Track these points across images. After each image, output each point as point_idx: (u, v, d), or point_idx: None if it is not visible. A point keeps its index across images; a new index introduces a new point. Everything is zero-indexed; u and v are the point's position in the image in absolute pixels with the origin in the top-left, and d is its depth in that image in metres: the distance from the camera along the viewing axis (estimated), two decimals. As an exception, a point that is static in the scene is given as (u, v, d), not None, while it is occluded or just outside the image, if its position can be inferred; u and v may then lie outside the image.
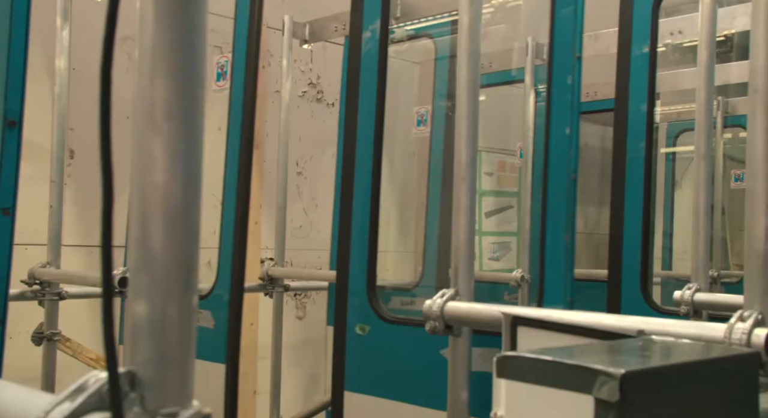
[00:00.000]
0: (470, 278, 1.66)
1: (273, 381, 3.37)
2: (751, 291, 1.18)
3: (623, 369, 0.76)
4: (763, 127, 1.15)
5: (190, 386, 0.63)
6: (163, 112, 0.63)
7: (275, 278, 3.33)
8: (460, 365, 1.66)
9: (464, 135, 1.63)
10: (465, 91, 1.61)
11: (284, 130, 3.36)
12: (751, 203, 1.19)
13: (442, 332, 1.63)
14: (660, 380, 0.82)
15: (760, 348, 1.11)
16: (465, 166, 1.63)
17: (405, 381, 2.09)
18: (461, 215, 1.65)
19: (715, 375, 0.92)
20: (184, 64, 0.63)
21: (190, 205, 0.64)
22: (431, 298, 1.64)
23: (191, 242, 0.64)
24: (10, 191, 1.80)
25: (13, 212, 1.81)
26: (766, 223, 1.17)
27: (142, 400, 0.60)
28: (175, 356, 0.62)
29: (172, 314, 0.62)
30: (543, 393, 0.83)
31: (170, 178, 0.63)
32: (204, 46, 0.66)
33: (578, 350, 0.94)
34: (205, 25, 0.66)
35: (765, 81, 1.14)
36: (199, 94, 0.65)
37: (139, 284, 0.63)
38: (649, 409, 0.80)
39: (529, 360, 0.85)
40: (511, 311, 1.34)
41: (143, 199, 0.64)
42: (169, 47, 0.63)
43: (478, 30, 1.62)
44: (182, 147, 0.63)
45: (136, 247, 0.64)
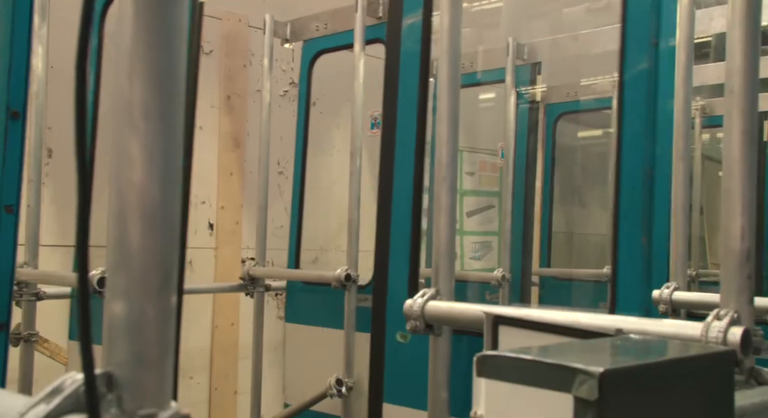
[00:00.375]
0: (451, 277, 1.67)
1: (254, 381, 3.36)
2: (727, 290, 1.20)
3: (602, 368, 0.77)
4: (739, 128, 1.17)
5: (168, 387, 0.63)
6: (141, 111, 0.62)
7: (256, 278, 3.31)
8: (441, 364, 1.66)
9: (445, 135, 1.63)
10: (446, 91, 1.62)
11: (265, 129, 3.35)
12: (728, 203, 1.20)
13: (423, 331, 1.64)
14: (638, 378, 0.83)
15: (735, 346, 1.12)
16: (445, 166, 1.64)
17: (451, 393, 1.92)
18: (442, 215, 1.65)
19: (692, 373, 0.93)
20: (163, 63, 0.63)
21: (168, 205, 0.63)
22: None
23: (170, 242, 0.64)
24: (14, 187, 1.69)
25: (17, 210, 1.73)
26: (743, 223, 1.18)
27: (119, 401, 0.60)
28: (153, 357, 0.62)
29: (150, 314, 0.62)
30: (523, 392, 0.84)
31: (148, 177, 0.63)
32: (183, 45, 0.65)
33: (558, 349, 0.94)
34: (185, 25, 0.65)
35: (741, 82, 1.15)
36: (178, 94, 0.64)
37: (117, 284, 0.62)
38: (628, 407, 0.81)
39: (509, 359, 0.85)
40: (492, 311, 1.35)
41: (121, 198, 0.63)
42: (148, 46, 0.62)
43: (459, 29, 1.62)
44: (160, 146, 0.63)
45: (113, 246, 0.63)
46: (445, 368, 1.67)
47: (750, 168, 1.19)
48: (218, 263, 3.82)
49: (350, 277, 2.84)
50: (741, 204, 1.19)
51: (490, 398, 0.87)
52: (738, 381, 1.11)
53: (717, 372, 0.97)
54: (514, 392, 0.84)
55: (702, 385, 0.94)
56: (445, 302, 1.62)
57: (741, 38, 1.15)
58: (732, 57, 1.16)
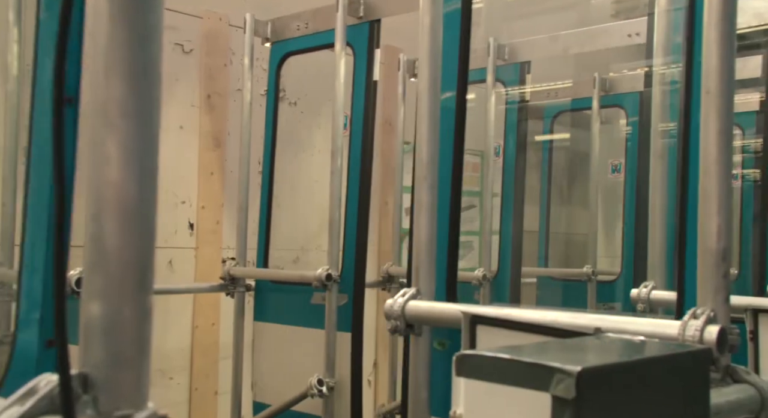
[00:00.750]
0: (431, 277, 1.67)
1: (234, 382, 3.34)
2: (704, 289, 1.21)
3: (579, 367, 0.77)
4: (715, 128, 1.18)
5: (145, 388, 0.62)
6: (118, 110, 0.62)
7: (237, 278, 3.30)
8: (421, 364, 1.67)
9: (425, 135, 1.63)
10: (426, 91, 1.62)
11: (246, 128, 3.33)
12: (705, 203, 1.21)
13: (403, 331, 1.64)
14: (615, 377, 0.84)
15: (712, 345, 1.13)
16: (426, 165, 1.64)
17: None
18: (423, 214, 1.66)
19: (669, 371, 0.94)
20: (140, 61, 0.63)
21: (145, 204, 0.63)
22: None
23: (147, 241, 0.63)
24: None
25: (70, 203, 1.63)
26: (719, 222, 1.20)
27: (95, 402, 0.59)
28: (129, 357, 0.61)
29: (126, 314, 0.61)
30: (502, 391, 0.84)
31: (125, 176, 0.62)
32: (160, 43, 0.65)
33: (536, 348, 0.95)
34: (162, 22, 0.65)
35: (717, 83, 1.17)
36: (155, 92, 0.64)
37: (93, 284, 0.62)
38: (606, 405, 0.81)
39: (487, 359, 0.85)
40: (470, 310, 1.35)
41: (97, 197, 0.63)
42: (125, 44, 0.62)
43: (440, 30, 1.63)
44: (137, 145, 0.63)
45: (90, 246, 0.63)
46: (425, 367, 1.68)
47: (726, 168, 1.21)
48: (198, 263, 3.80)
49: (331, 276, 2.84)
50: (717, 204, 1.20)
51: (469, 397, 0.87)
52: (714, 379, 1.12)
53: (693, 370, 0.98)
54: (493, 391, 0.85)
55: (679, 383, 0.95)
56: (425, 302, 1.63)
57: (717, 39, 1.16)
58: (708, 58, 1.17)
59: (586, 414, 0.78)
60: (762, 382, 1.13)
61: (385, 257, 4.32)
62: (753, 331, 1.51)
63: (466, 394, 0.87)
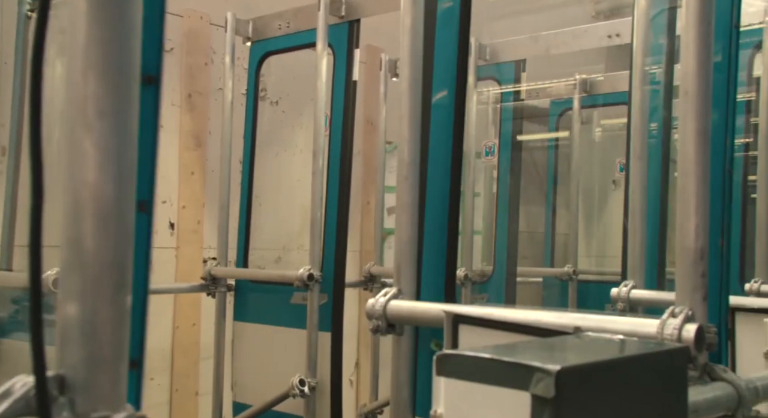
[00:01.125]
0: (413, 276, 1.67)
1: (215, 382, 3.33)
2: (682, 288, 1.22)
3: (559, 366, 0.78)
4: (693, 129, 1.19)
5: (122, 389, 0.62)
6: (95, 109, 0.61)
7: (218, 278, 3.28)
8: (403, 363, 1.67)
9: (407, 135, 1.63)
10: (408, 92, 1.62)
11: (227, 128, 3.32)
12: (683, 202, 1.22)
13: (385, 331, 1.64)
14: (594, 375, 0.84)
15: (690, 343, 1.14)
16: (408, 165, 1.64)
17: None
18: (404, 214, 1.66)
19: (648, 370, 0.95)
20: (117, 60, 0.62)
21: (123, 204, 0.63)
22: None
23: (124, 241, 0.63)
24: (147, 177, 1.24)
25: (150, 208, 1.31)
26: (697, 222, 1.21)
27: (72, 404, 0.59)
28: (107, 359, 0.61)
29: (104, 315, 0.61)
30: (482, 391, 0.84)
31: (102, 175, 0.62)
32: (138, 42, 0.64)
33: (516, 348, 0.95)
34: (140, 20, 0.64)
35: (695, 84, 1.18)
36: (133, 91, 0.63)
37: (70, 285, 0.61)
38: (585, 404, 0.82)
39: (468, 358, 0.85)
40: (452, 310, 1.35)
41: (74, 197, 0.62)
42: (102, 42, 0.61)
43: (421, 31, 1.63)
44: (115, 144, 0.62)
45: (67, 246, 0.62)
46: (408, 367, 1.68)
47: (704, 168, 1.22)
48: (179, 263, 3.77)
49: (313, 276, 2.84)
50: (695, 203, 1.22)
51: (449, 396, 0.88)
52: (692, 377, 1.13)
53: (671, 369, 0.99)
54: (473, 390, 0.85)
55: (657, 381, 0.96)
56: (407, 302, 1.63)
57: (694, 41, 1.17)
58: (686, 60, 1.18)
59: (566, 413, 0.78)
60: (739, 380, 1.15)
61: (368, 256, 4.32)
62: (730, 330, 1.53)
63: (447, 393, 0.88)
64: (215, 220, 3.47)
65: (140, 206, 1.07)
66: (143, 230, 1.16)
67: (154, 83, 1.22)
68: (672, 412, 0.96)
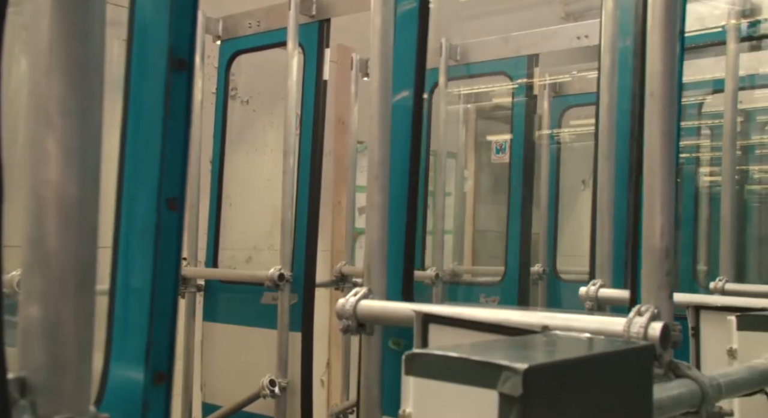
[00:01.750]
0: (383, 276, 1.67)
1: (185, 383, 3.30)
2: (648, 286, 1.23)
3: (526, 364, 0.78)
4: (658, 129, 1.21)
5: (86, 391, 0.61)
6: (57, 107, 0.60)
7: (187, 278, 3.25)
8: (373, 363, 1.67)
9: (377, 135, 1.63)
10: (378, 92, 1.62)
11: (197, 127, 3.29)
12: (649, 202, 1.24)
13: (355, 330, 1.64)
14: (562, 373, 0.85)
15: (655, 341, 1.16)
16: (378, 164, 1.64)
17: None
18: (375, 214, 1.66)
19: (615, 367, 0.96)
20: (81, 56, 0.61)
21: (87, 203, 0.62)
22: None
23: (88, 242, 0.62)
24: (178, 172, 1.09)
25: (182, 205, 1.15)
26: (662, 221, 1.22)
27: (33, 407, 0.58)
28: (70, 360, 0.60)
29: (67, 317, 0.60)
30: (450, 389, 0.84)
31: (66, 175, 0.61)
32: (103, 38, 0.63)
33: (484, 347, 0.96)
34: (104, 16, 0.63)
35: (660, 86, 1.19)
36: (97, 89, 0.62)
37: (32, 285, 0.60)
38: (552, 402, 0.83)
39: (436, 357, 0.86)
40: (422, 309, 1.36)
41: (37, 196, 0.61)
42: (65, 39, 0.60)
43: (391, 30, 1.63)
44: (78, 143, 0.61)
45: (29, 246, 0.61)
46: (377, 366, 1.68)
47: (670, 168, 1.24)
48: (148, 263, 3.73)
49: (284, 276, 2.82)
50: (661, 203, 1.23)
51: (418, 395, 0.88)
52: (657, 374, 1.15)
53: (637, 366, 1.00)
54: (442, 389, 0.85)
55: (623, 379, 0.97)
56: (377, 301, 1.63)
57: (660, 43, 1.19)
58: (652, 61, 1.20)
59: (533, 411, 0.79)
60: (703, 377, 1.16)
61: (339, 256, 4.32)
62: (695, 327, 1.55)
63: (416, 392, 0.88)
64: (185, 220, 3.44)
65: (170, 204, 1.07)
66: (173, 231, 1.09)
67: (186, 68, 1.06)
68: (637, 409, 0.97)
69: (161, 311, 0.92)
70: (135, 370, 1.00)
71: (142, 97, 1.09)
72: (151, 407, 0.88)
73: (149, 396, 0.95)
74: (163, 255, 1.00)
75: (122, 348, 1.03)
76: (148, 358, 0.93)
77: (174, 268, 1.03)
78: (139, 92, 1.09)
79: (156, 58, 1.05)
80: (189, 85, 1.05)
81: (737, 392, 1.27)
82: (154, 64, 0.98)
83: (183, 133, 1.03)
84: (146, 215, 1.09)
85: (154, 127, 1.05)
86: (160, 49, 1.00)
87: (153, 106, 1.07)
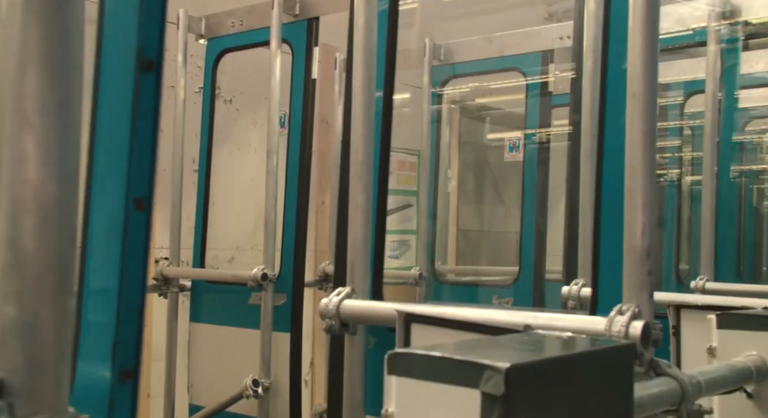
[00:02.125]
0: (366, 276, 1.67)
1: (167, 384, 3.28)
2: (629, 285, 1.24)
3: (508, 363, 0.78)
4: (639, 130, 1.22)
5: (65, 392, 0.60)
6: (35, 105, 0.59)
7: (170, 278, 3.24)
8: (356, 363, 1.67)
9: (360, 134, 1.63)
10: (360, 91, 1.62)
11: (180, 126, 3.27)
12: (630, 201, 1.25)
13: (338, 330, 1.63)
14: (543, 372, 0.85)
15: (636, 340, 1.17)
16: (361, 165, 1.64)
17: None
18: (358, 214, 1.66)
19: (596, 366, 0.96)
20: (59, 54, 0.60)
21: (65, 202, 0.61)
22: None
23: (67, 241, 0.61)
24: (146, 172, 1.11)
25: (150, 205, 1.17)
26: (643, 220, 1.23)
27: (11, 408, 0.57)
28: (48, 361, 0.59)
29: (45, 317, 0.59)
30: (433, 389, 0.84)
31: (44, 174, 0.60)
32: (82, 35, 0.63)
33: (467, 346, 0.96)
34: (83, 15, 0.63)
35: (641, 86, 1.20)
36: (76, 86, 0.62)
37: (9, 286, 0.59)
38: (534, 401, 0.83)
39: (419, 357, 0.86)
40: (404, 309, 1.36)
41: (14, 196, 0.60)
42: (42, 35, 0.60)
43: (374, 30, 1.63)
44: (57, 142, 0.60)
45: (6, 246, 0.60)
46: (361, 366, 1.68)
47: (651, 168, 1.24)
48: (130, 264, 3.71)
49: (266, 276, 2.82)
50: (642, 202, 1.24)
51: (400, 395, 0.88)
52: (638, 373, 1.15)
53: (618, 365, 1.01)
54: (424, 388, 0.85)
55: (605, 377, 0.97)
56: (360, 301, 1.63)
57: (641, 45, 1.19)
58: (633, 63, 1.20)
59: (515, 410, 0.79)
60: (683, 375, 1.17)
61: (322, 256, 4.31)
62: (675, 326, 1.57)
63: (398, 392, 0.88)
64: (167, 219, 3.42)
65: (138, 204, 1.10)
66: (140, 231, 1.10)
67: (155, 69, 1.08)
68: (618, 407, 0.97)
69: (128, 310, 0.93)
70: (102, 368, 1.00)
71: (110, 97, 1.09)
72: (118, 405, 0.89)
73: (116, 394, 0.96)
74: (131, 255, 1.01)
75: (89, 347, 1.03)
76: (114, 356, 0.94)
77: (141, 267, 1.04)
78: (108, 93, 1.09)
79: (124, 59, 1.06)
80: (157, 86, 1.06)
81: (717, 390, 1.28)
82: (122, 65, 0.99)
83: (151, 133, 1.04)
84: (114, 214, 1.09)
85: (122, 128, 1.06)
86: (128, 50, 1.01)
87: (121, 106, 1.07)
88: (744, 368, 1.31)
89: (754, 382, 1.32)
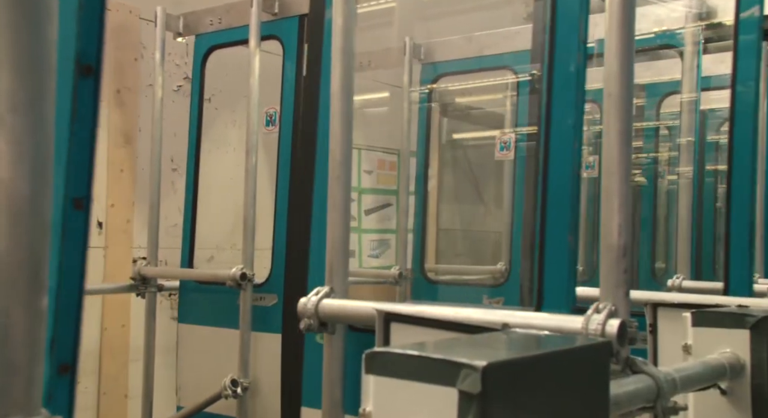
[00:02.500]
0: (345, 275, 1.67)
1: (145, 384, 3.25)
2: (606, 284, 1.25)
3: (485, 361, 0.79)
4: (616, 129, 1.23)
5: (37, 393, 0.60)
6: (6, 103, 0.59)
7: (148, 278, 3.21)
8: (335, 362, 1.67)
9: (338, 134, 1.63)
10: (339, 91, 1.62)
11: (158, 125, 3.25)
12: (607, 200, 1.26)
13: (317, 329, 1.63)
14: (520, 370, 0.86)
15: (612, 338, 1.18)
16: (339, 164, 1.64)
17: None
18: (336, 213, 1.66)
19: (572, 364, 0.97)
20: (32, 49, 0.60)
21: (37, 201, 0.60)
22: (306, 296, 1.63)
23: (39, 240, 0.61)
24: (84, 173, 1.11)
25: (88, 205, 1.17)
26: (620, 219, 1.24)
27: (-19, 410, 0.56)
28: (20, 362, 0.59)
29: (17, 318, 0.58)
30: (410, 388, 0.85)
31: (15, 172, 0.59)
32: (54, 29, 0.62)
33: (444, 345, 0.96)
34: (56, 6, 0.62)
35: (617, 86, 1.21)
36: (49, 83, 0.61)
37: (-20, 286, 0.58)
38: (512, 399, 0.83)
39: (396, 355, 0.86)
40: (384, 308, 1.36)
41: (-14, 195, 0.60)
42: (13, 30, 0.59)
43: (353, 30, 1.63)
44: (29, 140, 0.60)
45: (-23, 246, 0.60)
46: (339, 365, 1.68)
47: (626, 167, 1.25)
48: (108, 263, 3.67)
49: (246, 276, 2.80)
50: (618, 202, 1.25)
51: (378, 394, 0.88)
52: (614, 371, 1.16)
53: (595, 363, 1.02)
54: (402, 387, 0.85)
55: (581, 375, 0.98)
56: (339, 300, 1.63)
57: (617, 44, 1.20)
58: (609, 62, 1.21)
59: (492, 408, 0.79)
60: (658, 372, 1.19)
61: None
62: (652, 324, 1.58)
63: (376, 391, 0.88)
64: (145, 219, 3.40)
65: (76, 204, 1.07)
66: (79, 229, 1.10)
67: (93, 74, 1.07)
68: (595, 404, 0.98)
69: (66, 307, 0.95)
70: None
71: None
72: (54, 397, 0.91)
73: (53, 387, 0.98)
74: (69, 253, 1.02)
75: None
76: (52, 351, 0.95)
77: (80, 264, 1.06)
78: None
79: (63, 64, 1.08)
80: (95, 91, 1.08)
81: (691, 386, 1.30)
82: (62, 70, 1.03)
83: (89, 136, 1.07)
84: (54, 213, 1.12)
85: (60, 131, 1.08)
86: (67, 55, 1.02)
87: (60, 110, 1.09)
88: (718, 365, 1.33)
89: (728, 379, 1.34)
